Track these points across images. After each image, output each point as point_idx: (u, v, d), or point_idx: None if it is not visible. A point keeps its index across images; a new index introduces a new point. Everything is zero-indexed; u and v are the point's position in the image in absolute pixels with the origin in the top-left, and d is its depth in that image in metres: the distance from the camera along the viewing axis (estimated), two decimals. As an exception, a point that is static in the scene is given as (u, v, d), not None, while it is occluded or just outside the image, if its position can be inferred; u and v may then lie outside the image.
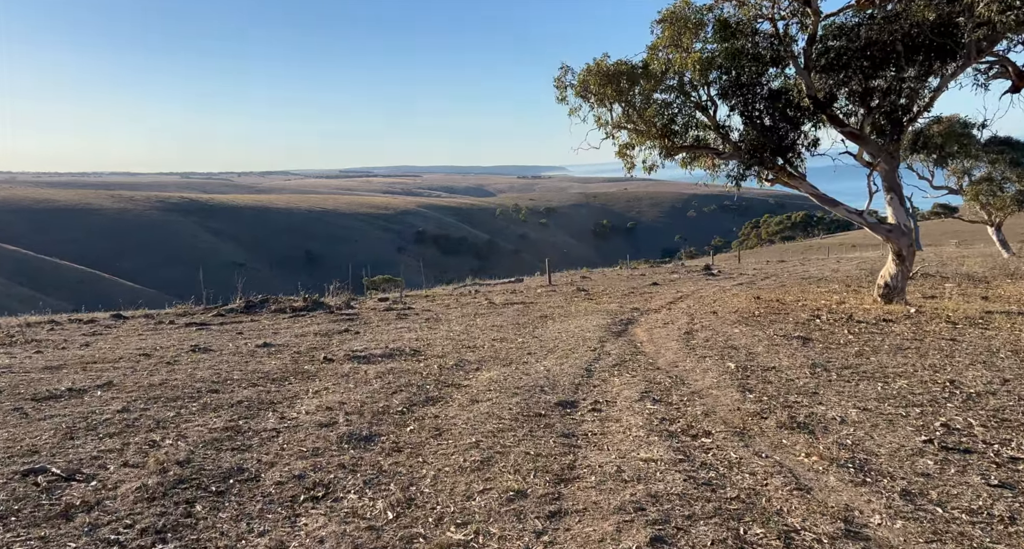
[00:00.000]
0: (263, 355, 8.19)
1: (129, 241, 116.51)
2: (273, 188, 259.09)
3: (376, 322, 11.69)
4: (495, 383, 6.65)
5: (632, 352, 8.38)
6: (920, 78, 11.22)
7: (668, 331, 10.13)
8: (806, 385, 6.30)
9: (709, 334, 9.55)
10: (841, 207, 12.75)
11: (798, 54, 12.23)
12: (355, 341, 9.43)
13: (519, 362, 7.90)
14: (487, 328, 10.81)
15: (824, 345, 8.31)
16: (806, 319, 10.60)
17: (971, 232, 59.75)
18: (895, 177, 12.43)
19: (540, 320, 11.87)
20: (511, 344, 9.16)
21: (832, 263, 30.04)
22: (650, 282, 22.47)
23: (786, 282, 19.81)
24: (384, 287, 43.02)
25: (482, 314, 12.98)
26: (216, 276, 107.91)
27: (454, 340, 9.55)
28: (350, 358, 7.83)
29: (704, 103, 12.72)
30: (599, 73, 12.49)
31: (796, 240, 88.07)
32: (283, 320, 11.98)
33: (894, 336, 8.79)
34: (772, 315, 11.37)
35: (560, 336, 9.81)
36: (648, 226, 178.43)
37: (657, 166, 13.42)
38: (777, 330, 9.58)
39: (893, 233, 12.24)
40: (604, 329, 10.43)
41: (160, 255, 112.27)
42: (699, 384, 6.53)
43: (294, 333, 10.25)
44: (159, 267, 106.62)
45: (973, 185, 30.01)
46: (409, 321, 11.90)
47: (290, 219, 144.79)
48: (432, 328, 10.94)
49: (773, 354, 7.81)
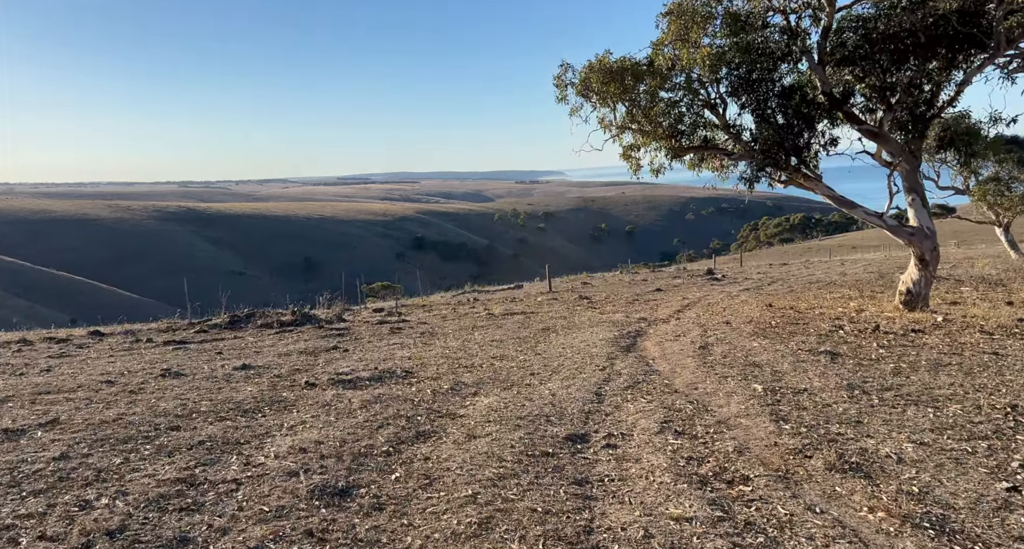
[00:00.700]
0: (239, 380, 7.44)
1: (127, 251, 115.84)
2: (271, 196, 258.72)
3: (367, 338, 10.94)
4: (495, 412, 5.91)
5: (645, 371, 7.64)
6: (944, 71, 10.53)
7: (681, 345, 9.39)
8: (846, 412, 5.56)
9: (726, 348, 8.81)
10: (860, 209, 12.04)
11: (811, 48, 11.55)
12: (343, 361, 8.69)
13: (521, 384, 7.16)
14: (486, 343, 10.06)
15: (855, 361, 7.58)
16: (828, 330, 9.86)
17: (971, 232, 59.08)
18: (917, 177, 11.73)
19: (542, 333, 11.13)
20: (512, 362, 8.42)
21: (837, 266, 29.38)
22: (654, 288, 21.74)
23: (794, 287, 19.10)
24: (383, 294, 42.33)
25: (480, 327, 12.24)
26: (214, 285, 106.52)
27: (450, 358, 8.81)
28: (334, 382, 7.08)
29: (713, 101, 12.01)
30: (601, 70, 11.79)
31: (795, 242, 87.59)
32: (268, 336, 11.23)
33: (929, 350, 8.06)
34: (790, 325, 10.63)
35: (565, 352, 9.07)
36: (646, 229, 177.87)
37: (665, 168, 12.71)
38: (800, 343, 8.84)
39: (916, 236, 11.53)
40: (612, 343, 9.70)
41: (158, 264, 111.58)
42: (724, 411, 5.79)
43: (278, 352, 9.50)
44: (157, 277, 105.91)
45: (980, 185, 29.35)
46: (403, 336, 11.15)
47: (288, 227, 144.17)
48: (427, 344, 10.19)
49: (801, 373, 7.08)
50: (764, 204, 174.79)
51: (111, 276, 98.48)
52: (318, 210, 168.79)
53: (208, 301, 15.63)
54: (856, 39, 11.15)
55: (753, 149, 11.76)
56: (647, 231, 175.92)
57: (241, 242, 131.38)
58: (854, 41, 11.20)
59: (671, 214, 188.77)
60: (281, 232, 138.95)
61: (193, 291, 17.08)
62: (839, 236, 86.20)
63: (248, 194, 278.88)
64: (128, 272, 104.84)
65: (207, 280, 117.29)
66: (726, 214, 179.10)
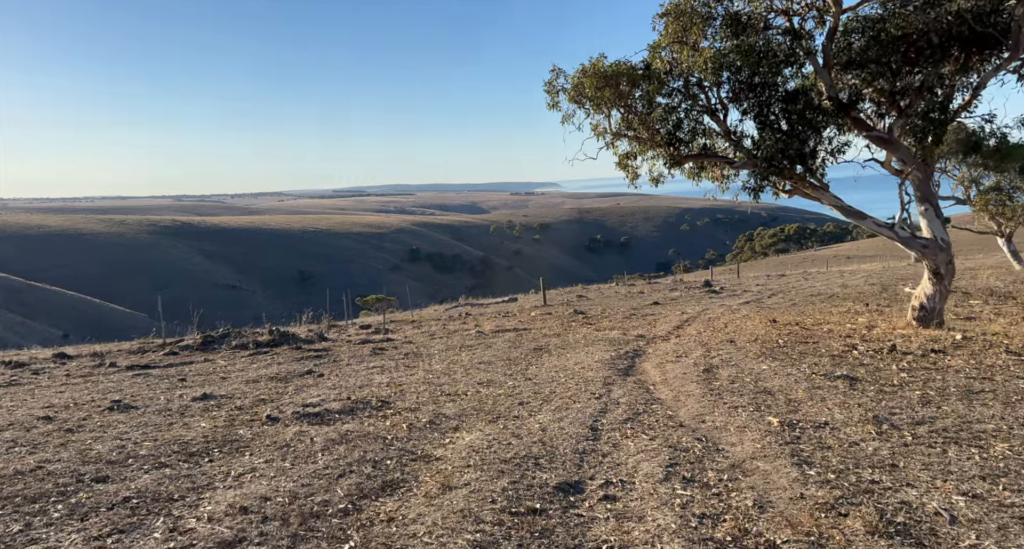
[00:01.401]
0: (195, 413, 6.69)
1: (121, 265, 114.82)
2: (266, 209, 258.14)
3: (346, 360, 10.20)
4: (476, 453, 5.18)
5: (645, 400, 6.92)
6: (959, 73, 9.94)
7: (683, 367, 8.68)
8: (878, 453, 4.85)
9: (733, 372, 8.10)
10: (870, 220, 11.40)
11: (816, 50, 10.97)
12: (314, 388, 7.94)
13: (508, 416, 6.43)
14: (472, 366, 9.33)
15: (876, 387, 6.88)
16: (840, 350, 9.17)
17: (966, 243, 58.71)
18: (929, 186, 11.11)
19: (534, 354, 10.41)
20: (499, 389, 7.69)
21: (836, 277, 28.77)
22: (651, 301, 21.07)
23: (796, 300, 18.44)
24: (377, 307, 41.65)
25: (469, 346, 11.51)
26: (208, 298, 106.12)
27: (432, 384, 8.07)
28: (299, 417, 6.33)
29: (714, 106, 11.40)
30: (595, 75, 11.17)
31: (790, 252, 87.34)
32: (241, 359, 10.48)
33: (955, 374, 7.37)
34: (799, 344, 9.94)
35: (557, 377, 8.34)
36: (642, 240, 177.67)
37: (664, 177, 12.07)
38: (812, 366, 8.14)
39: (929, 249, 10.89)
40: (608, 366, 8.98)
41: (152, 278, 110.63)
42: (738, 451, 5.07)
43: (247, 377, 8.75)
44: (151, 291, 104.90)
45: (981, 195, 28.90)
46: (385, 358, 10.41)
47: (283, 239, 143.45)
48: (409, 367, 9.45)
49: (819, 402, 6.37)
50: (759, 215, 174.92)
51: (104, 290, 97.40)
52: (313, 223, 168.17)
53: (200, 316, 14.90)
54: (864, 41, 10.58)
55: (756, 157, 11.12)
56: (642, 242, 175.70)
57: (235, 255, 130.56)
58: (861, 43, 10.63)
59: (666, 225, 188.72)
60: (276, 245, 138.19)
61: (186, 305, 16.40)
62: (834, 246, 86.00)
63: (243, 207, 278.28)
64: (122, 286, 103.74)
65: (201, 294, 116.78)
66: (721, 225, 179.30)
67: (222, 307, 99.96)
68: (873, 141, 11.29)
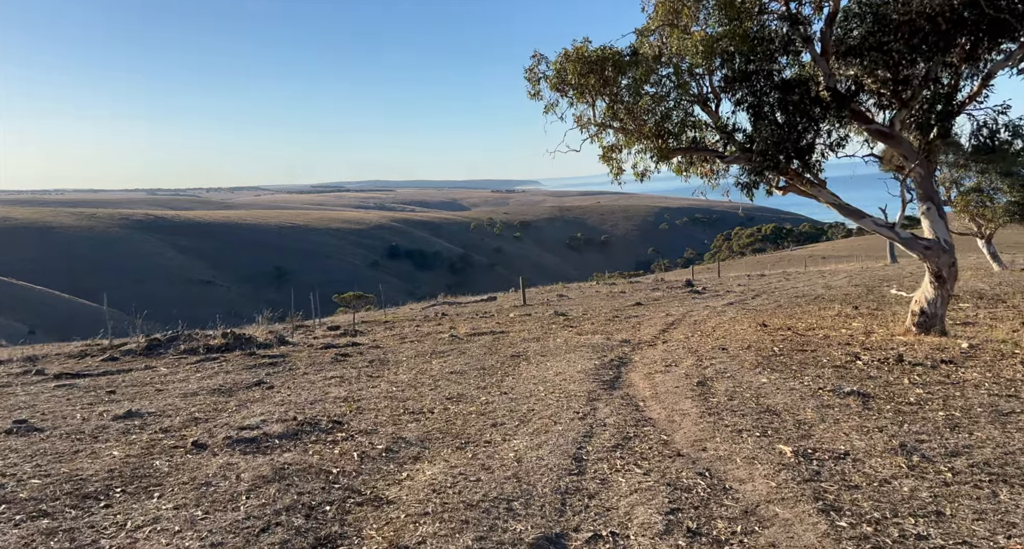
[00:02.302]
0: (111, 436, 5.71)
1: (91, 259, 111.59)
2: (243, 204, 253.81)
3: (303, 368, 9.23)
4: (438, 493, 4.30)
5: (635, 420, 6.09)
6: (967, 62, 9.27)
7: (674, 379, 7.88)
8: (916, 494, 4.07)
9: (729, 385, 7.32)
10: (868, 219, 10.72)
11: (814, 37, 10.24)
12: (260, 404, 6.99)
13: (479, 441, 5.55)
14: (443, 377, 8.43)
15: (893, 406, 6.13)
16: (843, 360, 8.44)
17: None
18: (932, 184, 10.44)
19: (511, 362, 9.53)
20: (471, 406, 6.80)
21: (817, 278, 28.25)
22: (633, 302, 20.33)
23: (782, 302, 17.81)
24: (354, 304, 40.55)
25: (441, 353, 10.60)
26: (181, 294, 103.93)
27: (395, 399, 7.17)
28: (232, 443, 5.39)
29: (706, 96, 10.61)
30: (579, 60, 10.32)
31: (767, 252, 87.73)
32: (186, 366, 9.47)
33: (975, 390, 6.65)
34: (796, 353, 9.21)
35: (536, 390, 7.48)
36: (621, 239, 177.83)
37: (650, 172, 11.27)
38: (816, 379, 7.39)
39: (931, 251, 10.22)
40: (592, 376, 8.14)
41: (123, 273, 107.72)
42: (749, 491, 4.26)
43: (186, 390, 7.75)
44: (122, 286, 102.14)
45: (962, 195, 28.68)
46: (347, 365, 9.46)
47: (259, 235, 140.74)
48: (372, 378, 8.52)
49: (833, 425, 5.59)
50: (736, 214, 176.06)
51: (74, 285, 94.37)
52: (290, 218, 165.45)
53: (170, 312, 13.78)
54: (865, 27, 9.86)
55: (750, 151, 10.36)
56: (622, 240, 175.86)
57: (210, 250, 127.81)
58: (863, 30, 9.91)
59: (645, 224, 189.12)
60: (252, 240, 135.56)
61: (158, 301, 15.29)
62: (809, 246, 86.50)
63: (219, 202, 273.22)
64: (92, 281, 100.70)
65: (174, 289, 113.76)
66: (699, 224, 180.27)
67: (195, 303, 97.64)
68: (873, 135, 10.62)
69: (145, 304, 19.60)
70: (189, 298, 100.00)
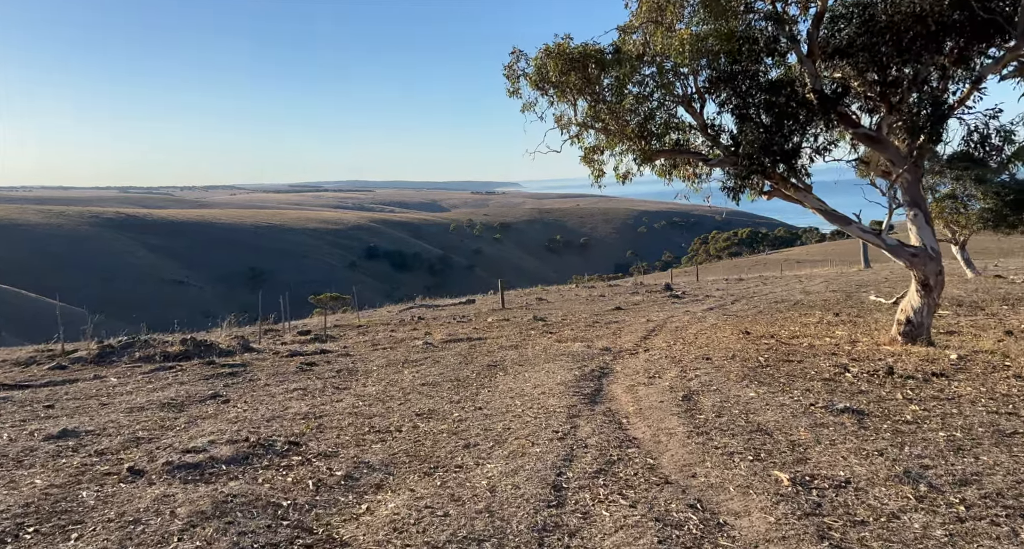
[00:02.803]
0: (38, 460, 5.12)
1: (60, 258, 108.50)
2: (217, 203, 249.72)
3: (265, 379, 8.66)
4: (400, 532, 3.82)
5: (619, 440, 5.66)
6: (958, 65, 9.03)
7: (658, 392, 7.47)
8: (929, 533, 3.69)
9: (716, 399, 6.93)
10: (855, 226, 10.47)
11: (800, 37, 9.95)
12: (212, 421, 6.42)
13: (449, 466, 5.08)
14: (414, 390, 7.93)
15: (890, 424, 5.78)
16: (831, 372, 8.12)
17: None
18: (919, 190, 10.22)
19: (487, 372, 9.06)
20: (442, 423, 6.32)
21: (794, 282, 28.20)
22: (613, 306, 20.01)
23: (761, 307, 17.60)
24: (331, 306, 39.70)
25: (414, 362, 10.09)
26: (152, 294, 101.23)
27: (361, 415, 6.65)
28: (173, 469, 4.84)
29: (691, 96, 10.26)
30: (560, 57, 9.90)
31: (743, 256, 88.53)
32: (139, 376, 8.84)
33: (971, 406, 6.35)
34: (783, 363, 8.88)
35: (513, 405, 7.02)
36: (601, 241, 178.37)
37: (633, 174, 10.89)
38: (805, 393, 7.04)
39: (918, 258, 9.98)
40: (572, 389, 7.71)
41: (93, 272, 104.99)
42: (746, 527, 3.84)
43: (133, 404, 7.15)
44: (92, 285, 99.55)
45: (937, 202, 28.90)
46: (312, 376, 8.90)
47: (234, 234, 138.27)
48: (338, 390, 7.99)
49: (829, 447, 5.22)
50: (712, 218, 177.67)
51: (42, 284, 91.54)
52: (267, 218, 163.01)
53: (140, 312, 13.04)
54: (853, 28, 9.59)
55: (736, 154, 10.03)
56: (601, 243, 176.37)
57: (183, 250, 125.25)
58: (850, 31, 9.64)
59: (624, 227, 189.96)
60: (226, 240, 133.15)
61: (129, 301, 14.52)
62: (784, 251, 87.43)
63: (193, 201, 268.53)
64: (61, 280, 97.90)
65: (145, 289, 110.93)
66: (677, 227, 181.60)
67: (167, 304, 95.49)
68: (860, 139, 10.36)
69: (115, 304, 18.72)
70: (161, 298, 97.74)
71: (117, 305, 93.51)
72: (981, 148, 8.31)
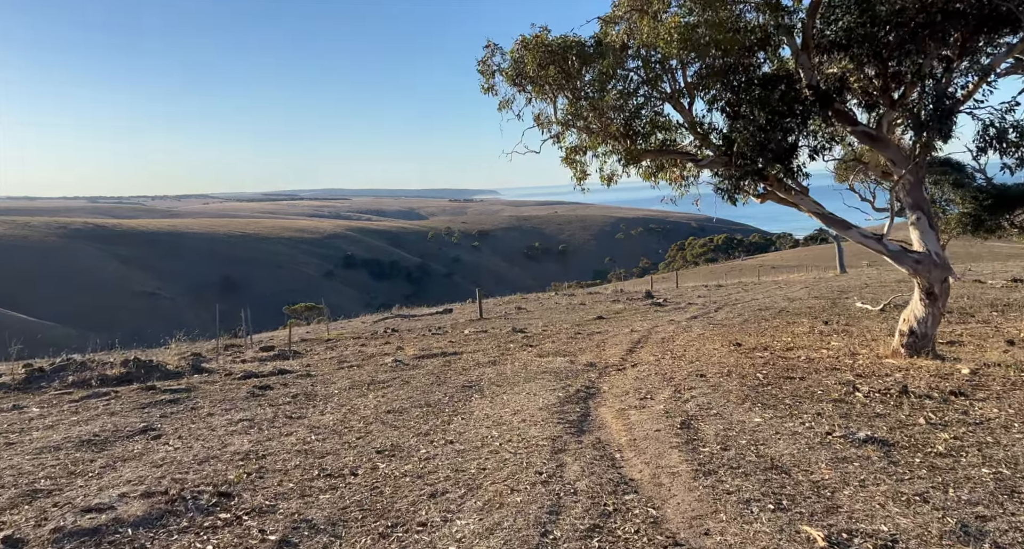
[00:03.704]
0: None
1: (25, 270, 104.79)
2: (189, 212, 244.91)
3: (208, 407, 7.65)
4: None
5: (613, 482, 4.81)
6: (965, 57, 8.42)
7: (652, 418, 6.65)
8: (1016, 617, 2.90)
9: (719, 427, 6.13)
10: (855, 231, 9.79)
11: (795, 28, 9.29)
12: (134, 464, 5.43)
13: (410, 525, 4.18)
14: (377, 419, 7.00)
15: (923, 459, 5.02)
16: (840, 391, 7.38)
17: (875, 254, 60.11)
18: (922, 192, 9.59)
19: (462, 396, 8.16)
20: (406, 463, 5.41)
21: (775, 289, 27.65)
22: (594, 316, 19.23)
23: (747, 316, 16.95)
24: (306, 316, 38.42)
25: (380, 383, 9.14)
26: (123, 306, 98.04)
27: (311, 453, 5.71)
28: (62, 537, 3.87)
29: (679, 91, 9.52)
30: (538, 49, 9.11)
31: (719, 262, 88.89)
32: (65, 405, 7.77)
33: (1005, 431, 5.62)
34: (783, 380, 8.13)
35: (489, 437, 6.13)
36: (579, 248, 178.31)
37: (618, 176, 10.12)
38: (817, 418, 6.26)
39: (922, 265, 9.33)
40: (556, 415, 6.85)
41: (60, 285, 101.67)
42: (782, 611, 3.01)
43: (47, 442, 6.12)
44: (60, 298, 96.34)
45: (915, 207, 28.60)
46: (263, 403, 7.92)
47: (207, 244, 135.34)
48: (290, 420, 7.02)
49: (861, 490, 4.43)
50: (689, 225, 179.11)
51: (6, 297, 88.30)
52: (240, 227, 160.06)
53: (111, 326, 11.87)
54: (851, 18, 8.94)
55: (727, 154, 9.30)
56: (580, 250, 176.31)
57: (154, 260, 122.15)
58: (849, 20, 8.99)
59: (602, 234, 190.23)
60: (199, 250, 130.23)
61: (97, 313, 13.36)
62: (759, 256, 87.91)
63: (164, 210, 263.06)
64: (27, 293, 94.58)
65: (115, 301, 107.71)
66: (654, 234, 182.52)
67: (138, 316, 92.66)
68: (859, 138, 9.72)
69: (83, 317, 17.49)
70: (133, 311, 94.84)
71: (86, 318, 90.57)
72: (998, 144, 7.67)
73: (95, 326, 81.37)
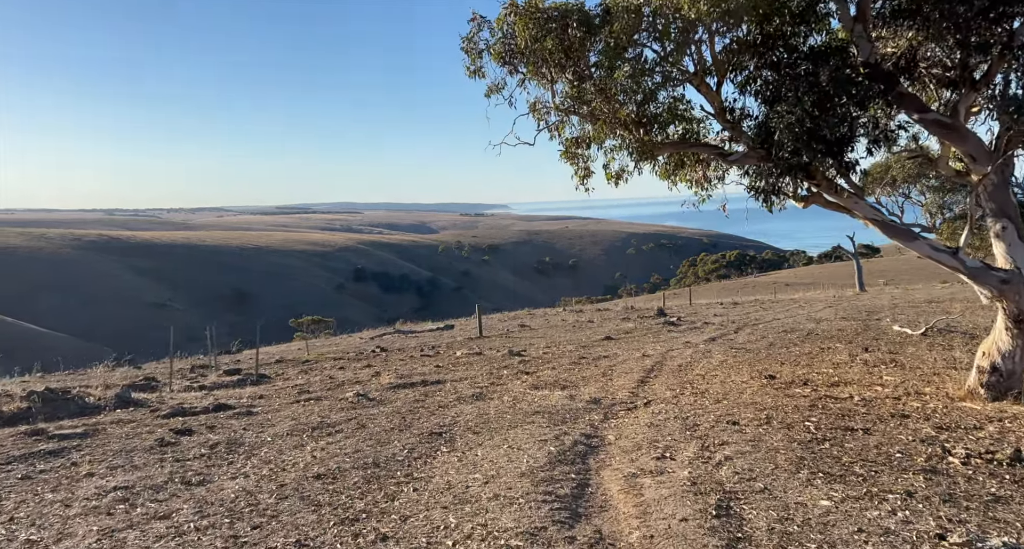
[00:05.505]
0: None
1: (41, 281, 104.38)
2: (204, 225, 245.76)
3: (89, 465, 5.85)
4: None
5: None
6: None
7: (674, 494, 4.79)
8: None
9: (771, 517, 4.26)
10: (923, 243, 7.91)
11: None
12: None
13: None
14: (297, 488, 5.16)
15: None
16: (924, 453, 5.48)
17: (893, 271, 57.83)
18: (1010, 196, 7.68)
19: (425, 447, 6.33)
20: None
21: (796, 308, 25.38)
22: (602, 336, 17.36)
23: (772, 339, 14.95)
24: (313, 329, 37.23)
25: (330, 427, 7.32)
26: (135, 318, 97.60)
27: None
28: None
29: (707, 69, 7.73)
30: (531, 15, 7.38)
31: (731, 278, 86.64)
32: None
33: None
34: (841, 432, 6.26)
35: (442, 528, 4.31)
36: (589, 263, 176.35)
37: (628, 173, 8.31)
38: (908, 500, 4.39)
39: (1010, 286, 7.42)
40: (544, 487, 5.01)
41: (76, 296, 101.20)
42: None
43: None
44: (75, 310, 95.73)
45: (948, 222, 26.58)
46: (168, 458, 6.12)
47: (220, 256, 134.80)
48: (187, 487, 5.22)
49: None
50: (701, 241, 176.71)
51: (23, 309, 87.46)
52: (253, 240, 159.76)
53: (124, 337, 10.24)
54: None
55: (763, 147, 7.48)
56: (590, 265, 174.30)
57: (168, 272, 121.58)
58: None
59: (613, 249, 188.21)
60: (212, 262, 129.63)
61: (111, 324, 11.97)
62: (772, 273, 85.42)
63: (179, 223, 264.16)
64: (42, 304, 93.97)
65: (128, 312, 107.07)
66: (665, 249, 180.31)
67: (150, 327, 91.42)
68: (929, 128, 7.86)
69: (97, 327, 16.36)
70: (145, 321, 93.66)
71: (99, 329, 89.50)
72: None
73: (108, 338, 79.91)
